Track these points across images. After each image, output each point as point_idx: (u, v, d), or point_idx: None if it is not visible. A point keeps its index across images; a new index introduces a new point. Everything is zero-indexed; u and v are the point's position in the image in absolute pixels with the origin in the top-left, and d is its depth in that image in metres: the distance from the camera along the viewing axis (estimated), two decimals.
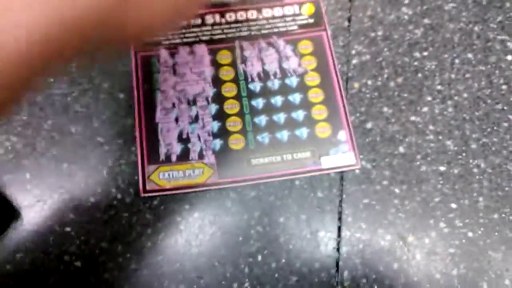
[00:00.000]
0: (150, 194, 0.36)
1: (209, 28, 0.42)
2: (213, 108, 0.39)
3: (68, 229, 0.35)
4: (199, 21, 0.42)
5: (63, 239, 0.35)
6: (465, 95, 0.40)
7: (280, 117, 0.39)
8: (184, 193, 0.36)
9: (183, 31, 0.41)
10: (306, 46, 0.41)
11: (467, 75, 0.40)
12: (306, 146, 0.38)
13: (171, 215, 0.36)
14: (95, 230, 0.35)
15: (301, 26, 0.42)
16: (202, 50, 0.41)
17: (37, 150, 0.37)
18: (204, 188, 0.36)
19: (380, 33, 0.42)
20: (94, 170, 0.37)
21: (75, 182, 0.36)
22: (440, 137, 0.38)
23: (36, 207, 0.36)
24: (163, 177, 0.36)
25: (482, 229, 0.36)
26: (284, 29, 0.42)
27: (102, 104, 0.39)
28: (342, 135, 0.38)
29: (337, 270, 0.35)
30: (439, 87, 0.40)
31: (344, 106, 0.39)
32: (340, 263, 0.35)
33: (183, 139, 0.38)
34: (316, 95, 0.39)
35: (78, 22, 0.18)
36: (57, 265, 0.34)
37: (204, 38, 0.41)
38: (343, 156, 0.37)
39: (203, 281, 0.34)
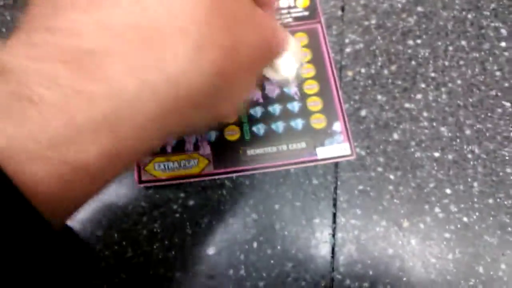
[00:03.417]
0: (145, 185, 0.36)
1: None
2: None
3: None
4: None
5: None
6: (459, 81, 0.40)
7: (276, 109, 0.39)
8: (180, 183, 0.36)
9: None
10: (301, 39, 0.41)
11: (461, 62, 0.40)
12: (301, 137, 0.38)
13: (166, 203, 0.36)
14: (90, 219, 0.35)
15: (296, 19, 0.42)
16: None
17: None
18: (199, 179, 0.36)
19: (373, 21, 0.42)
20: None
21: None
22: (434, 124, 0.38)
23: None
24: (159, 168, 0.37)
25: (477, 214, 0.36)
26: (279, 21, 0.42)
27: None
28: (337, 126, 0.38)
29: (333, 256, 0.35)
30: (432, 74, 0.40)
31: (339, 97, 0.39)
32: (336, 249, 0.35)
33: None
34: (311, 86, 0.40)
35: (181, 103, 0.18)
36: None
37: None
38: (338, 147, 0.38)
39: (198, 268, 0.34)
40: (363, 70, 0.40)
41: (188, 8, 0.18)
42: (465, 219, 0.36)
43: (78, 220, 0.35)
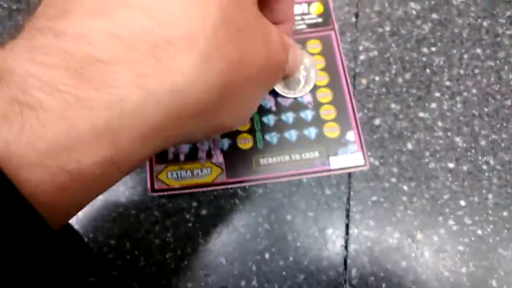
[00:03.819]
0: (158, 194, 0.36)
1: None
2: None
3: (76, 226, 0.35)
4: None
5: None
6: (474, 91, 0.39)
7: (289, 117, 0.39)
8: (192, 192, 0.36)
9: None
10: (314, 46, 0.41)
11: (476, 71, 0.40)
12: (314, 146, 0.38)
13: (179, 212, 0.36)
14: (103, 227, 0.35)
15: (310, 26, 0.41)
16: None
17: None
18: (212, 188, 0.36)
19: (387, 28, 0.41)
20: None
21: None
22: (449, 134, 0.38)
23: None
24: (171, 177, 0.36)
25: (491, 226, 0.36)
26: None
27: None
28: (351, 135, 0.38)
29: (345, 268, 0.35)
30: (447, 83, 0.39)
31: (352, 106, 0.39)
32: (348, 261, 0.35)
33: None
34: (324, 95, 0.39)
35: (181, 112, 0.18)
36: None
37: None
38: (351, 157, 0.37)
39: (210, 279, 0.34)
40: (377, 78, 0.40)
41: (196, 18, 0.18)
42: (479, 231, 0.36)
43: (90, 228, 0.35)
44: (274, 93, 0.39)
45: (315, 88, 0.39)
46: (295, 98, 0.39)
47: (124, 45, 0.16)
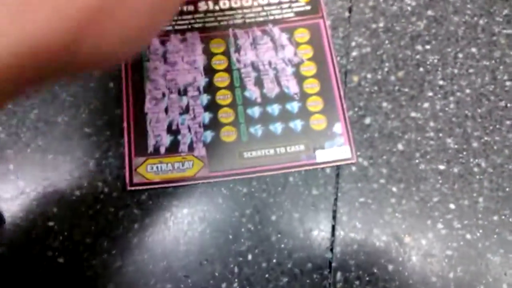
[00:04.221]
0: (137, 188, 0.35)
1: (202, 15, 0.40)
2: (205, 98, 0.37)
3: (51, 223, 0.34)
4: (192, 7, 0.40)
5: (46, 233, 0.34)
6: (467, 91, 0.38)
7: (274, 109, 0.37)
8: (174, 187, 0.35)
9: (175, 18, 0.39)
10: (302, 35, 0.39)
11: (471, 70, 0.39)
12: (300, 139, 0.36)
13: (159, 210, 0.34)
14: (79, 225, 0.34)
15: (298, 14, 0.40)
16: (194, 38, 0.39)
17: (21, 140, 0.36)
18: (194, 182, 0.35)
19: (381, 24, 0.40)
20: (81, 162, 0.35)
21: (60, 174, 0.35)
22: (441, 135, 0.37)
23: (18, 199, 0.34)
24: (151, 170, 0.35)
25: (481, 231, 0.35)
26: (279, 16, 0.40)
27: (91, 93, 0.37)
28: (338, 127, 0.36)
29: (330, 271, 0.34)
30: (441, 82, 0.38)
31: (340, 98, 0.37)
32: (333, 264, 0.34)
33: (173, 131, 0.36)
34: (311, 85, 0.38)
35: (31, 53, 0.18)
36: (40, 260, 0.33)
37: (196, 25, 0.39)
38: (338, 150, 0.36)
39: (190, 280, 0.33)
40: (369, 76, 0.38)
41: None
42: (468, 236, 0.35)
43: (66, 226, 0.34)
44: (259, 85, 0.37)
45: (302, 78, 0.38)
46: (282, 89, 0.38)
47: None
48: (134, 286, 0.33)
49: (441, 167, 0.36)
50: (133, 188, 0.34)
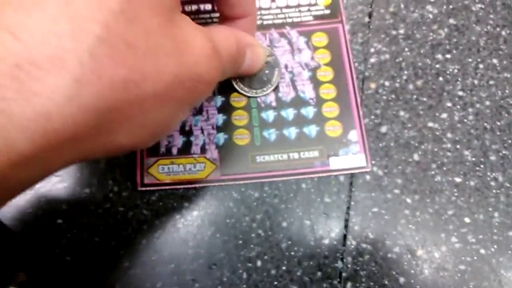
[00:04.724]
0: (148, 188, 0.34)
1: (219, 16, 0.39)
2: (219, 100, 0.37)
3: (60, 220, 0.33)
4: (209, 7, 0.39)
5: (54, 231, 0.33)
6: (487, 103, 0.37)
7: (289, 113, 0.37)
8: (184, 189, 0.34)
9: (192, 17, 0.39)
10: (320, 39, 0.39)
11: (491, 82, 0.38)
12: (314, 144, 0.36)
13: (169, 212, 0.34)
14: (88, 223, 0.33)
15: (316, 17, 0.39)
16: None
17: None
18: (205, 184, 0.34)
19: (401, 31, 0.39)
20: (92, 160, 0.35)
21: (71, 171, 0.35)
22: (458, 146, 0.36)
23: (27, 195, 0.34)
24: (163, 171, 0.35)
25: (495, 246, 0.34)
26: (298, 19, 0.39)
27: None
28: (353, 135, 0.36)
29: (340, 281, 0.33)
30: (460, 93, 0.38)
31: (357, 105, 0.37)
32: (344, 274, 0.33)
33: (186, 132, 0.36)
34: (328, 91, 0.37)
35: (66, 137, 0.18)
36: (47, 258, 0.33)
37: None
38: (353, 158, 0.35)
39: (198, 285, 0.32)
40: (387, 83, 0.38)
41: (69, 38, 0.16)
42: (482, 251, 0.34)
43: (75, 224, 0.33)
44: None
45: (319, 83, 0.37)
46: (298, 94, 0.37)
47: None
48: None
49: (457, 179, 0.35)
50: (143, 188, 0.34)
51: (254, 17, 0.30)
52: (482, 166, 0.36)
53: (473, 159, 0.36)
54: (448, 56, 0.39)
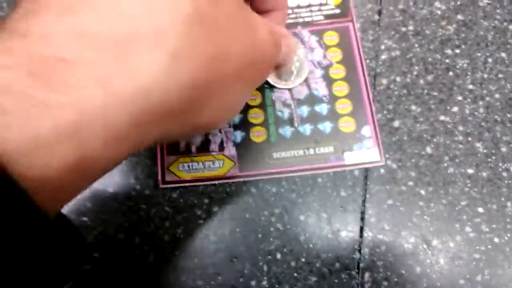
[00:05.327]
0: (169, 186, 0.35)
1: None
2: None
3: (85, 218, 0.35)
4: None
5: (79, 228, 0.34)
6: (497, 96, 0.38)
7: (303, 110, 0.38)
8: (204, 185, 0.35)
9: None
10: (331, 38, 0.40)
11: (500, 75, 0.39)
12: (329, 140, 0.37)
13: (190, 208, 0.35)
14: (112, 220, 0.35)
15: (327, 17, 0.40)
16: None
17: None
18: (224, 181, 0.35)
19: (411, 28, 0.40)
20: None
21: None
22: (470, 139, 0.37)
23: None
24: (183, 169, 0.36)
25: (509, 235, 0.35)
26: (309, 19, 0.40)
27: None
28: (367, 130, 0.37)
29: (358, 272, 0.34)
30: (470, 87, 0.38)
31: (369, 101, 0.38)
32: (361, 264, 0.34)
33: None
34: (340, 88, 0.38)
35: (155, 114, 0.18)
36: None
37: None
38: (367, 152, 0.36)
39: (220, 278, 0.33)
40: (398, 79, 0.38)
41: (166, 14, 0.17)
42: (496, 239, 0.35)
43: (100, 222, 0.34)
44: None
45: (331, 81, 0.38)
46: (311, 91, 0.38)
47: (87, 44, 0.16)
48: (166, 282, 0.33)
49: (470, 171, 0.36)
50: (165, 186, 0.35)
51: (285, 11, 0.30)
52: (493, 157, 0.37)
53: (485, 150, 0.37)
54: (457, 51, 0.39)
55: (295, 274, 0.34)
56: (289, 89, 0.38)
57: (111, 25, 0.16)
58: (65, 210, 0.34)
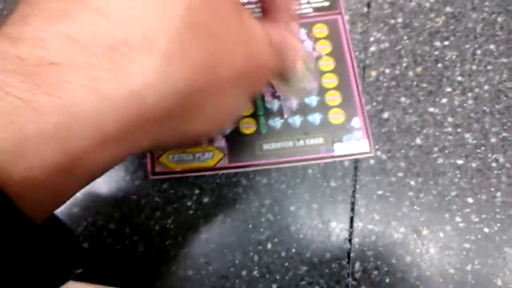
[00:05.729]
0: (159, 177, 0.35)
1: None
2: None
3: (75, 209, 0.35)
4: None
5: (70, 219, 0.34)
6: (486, 87, 0.38)
7: (293, 102, 0.38)
8: (194, 176, 0.36)
9: None
10: (320, 30, 0.40)
11: (489, 67, 0.39)
12: (319, 132, 0.37)
13: (180, 199, 0.35)
14: (103, 211, 0.35)
15: (316, 9, 0.41)
16: None
17: None
18: (214, 172, 0.36)
19: (400, 20, 0.40)
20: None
21: None
22: (459, 130, 0.37)
23: None
24: (173, 159, 0.36)
25: (498, 225, 0.35)
26: (298, 11, 0.40)
27: None
28: (356, 121, 0.37)
29: (348, 261, 0.34)
30: (459, 78, 0.39)
31: (358, 93, 0.38)
32: (352, 254, 0.34)
33: None
34: (330, 80, 0.38)
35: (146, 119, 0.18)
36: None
37: None
38: (356, 143, 0.36)
39: (211, 267, 0.33)
40: (387, 71, 0.39)
41: (159, 19, 0.17)
42: (486, 229, 0.35)
43: (90, 212, 0.34)
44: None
45: (321, 73, 0.38)
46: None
47: (79, 48, 0.16)
48: (157, 271, 0.33)
49: (459, 161, 0.37)
50: (155, 177, 0.35)
51: (294, 20, 0.30)
52: (483, 148, 0.37)
53: (474, 141, 0.37)
54: (446, 43, 0.40)
55: (286, 264, 0.34)
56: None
57: (102, 30, 0.16)
58: None
